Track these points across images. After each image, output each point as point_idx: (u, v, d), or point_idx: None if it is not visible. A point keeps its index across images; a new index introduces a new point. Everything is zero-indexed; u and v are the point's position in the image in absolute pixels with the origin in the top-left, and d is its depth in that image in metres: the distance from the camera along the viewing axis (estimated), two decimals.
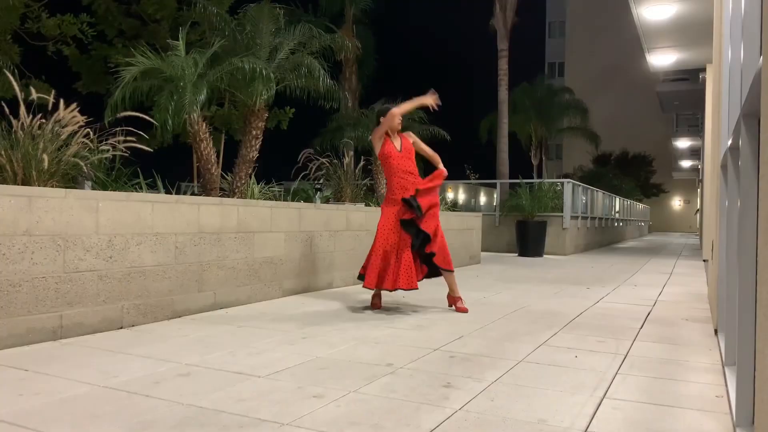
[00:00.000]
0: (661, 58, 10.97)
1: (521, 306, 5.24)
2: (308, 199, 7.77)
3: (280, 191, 7.26)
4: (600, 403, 2.52)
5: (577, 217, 14.06)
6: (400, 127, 5.12)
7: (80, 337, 3.56)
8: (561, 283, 7.26)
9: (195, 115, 5.84)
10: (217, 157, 6.46)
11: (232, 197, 6.19)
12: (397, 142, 5.05)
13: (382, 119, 5.00)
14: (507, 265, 10.00)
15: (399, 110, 5.03)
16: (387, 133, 5.05)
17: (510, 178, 17.38)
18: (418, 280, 4.87)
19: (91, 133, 4.20)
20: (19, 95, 3.95)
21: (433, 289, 5.56)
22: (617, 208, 22.28)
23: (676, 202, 45.53)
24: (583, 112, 24.68)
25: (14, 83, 4.15)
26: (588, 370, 3.06)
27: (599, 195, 17.93)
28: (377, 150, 5.02)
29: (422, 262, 4.96)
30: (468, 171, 15.09)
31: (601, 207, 17.96)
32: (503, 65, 18.33)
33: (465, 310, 4.89)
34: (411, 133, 5.24)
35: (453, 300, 5.03)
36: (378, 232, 4.87)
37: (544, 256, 12.32)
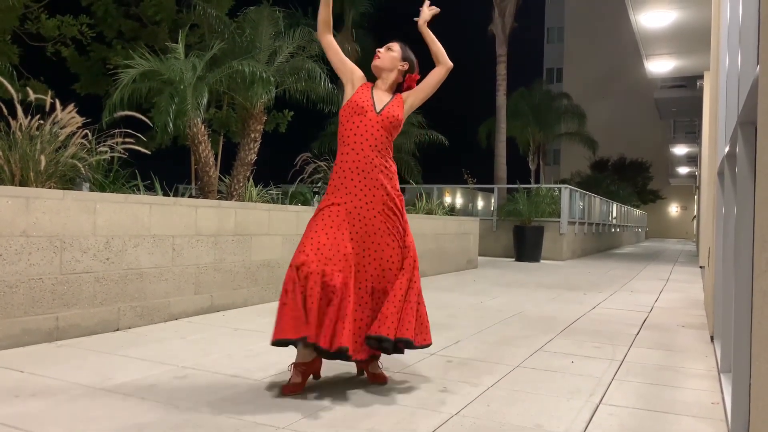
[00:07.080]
0: (659, 65, 11.01)
1: (518, 311, 5.24)
2: (306, 203, 7.77)
3: (278, 194, 7.26)
4: (596, 409, 2.53)
5: (574, 223, 14.08)
6: (391, 73, 2.86)
7: (76, 338, 3.55)
8: (558, 288, 7.27)
9: (198, 119, 5.85)
10: (216, 159, 6.47)
11: (230, 200, 6.19)
12: (381, 96, 2.84)
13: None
14: (504, 269, 10.00)
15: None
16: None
17: (508, 182, 17.41)
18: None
19: (89, 134, 4.19)
20: (15, 97, 3.93)
21: (428, 295, 5.56)
22: (614, 214, 22.32)
23: (673, 209, 45.61)
24: (581, 117, 24.76)
25: (9, 87, 4.07)
26: (584, 376, 3.07)
27: (596, 201, 17.97)
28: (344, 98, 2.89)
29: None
30: (466, 175, 15.14)
31: (598, 213, 17.99)
32: (501, 70, 18.38)
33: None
34: (418, 89, 2.93)
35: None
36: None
37: (541, 261, 12.33)
